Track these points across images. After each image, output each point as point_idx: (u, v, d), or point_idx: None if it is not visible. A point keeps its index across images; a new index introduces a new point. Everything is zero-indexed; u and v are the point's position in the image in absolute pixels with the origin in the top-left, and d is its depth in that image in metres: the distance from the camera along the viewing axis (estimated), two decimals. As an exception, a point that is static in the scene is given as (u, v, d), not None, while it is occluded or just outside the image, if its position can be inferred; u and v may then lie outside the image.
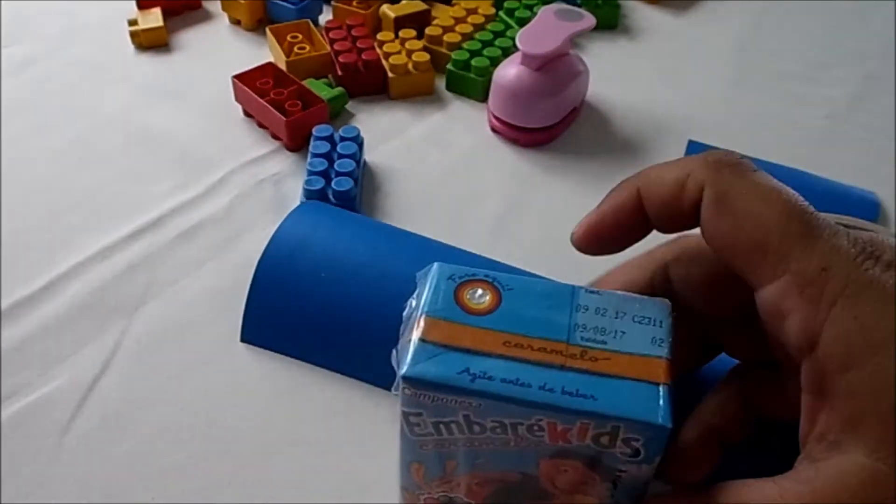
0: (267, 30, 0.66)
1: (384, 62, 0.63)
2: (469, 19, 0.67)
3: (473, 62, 0.62)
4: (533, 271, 0.41)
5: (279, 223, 0.45)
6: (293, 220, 0.46)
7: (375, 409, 0.41)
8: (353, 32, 0.65)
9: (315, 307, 0.42)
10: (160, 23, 0.68)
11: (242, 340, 0.44)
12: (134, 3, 0.69)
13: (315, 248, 0.44)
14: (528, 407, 0.25)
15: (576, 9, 0.60)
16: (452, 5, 0.70)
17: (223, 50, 0.68)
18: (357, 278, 0.42)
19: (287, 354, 0.43)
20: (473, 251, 0.44)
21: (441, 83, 0.64)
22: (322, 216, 0.47)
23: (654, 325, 0.26)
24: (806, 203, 0.25)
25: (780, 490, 0.24)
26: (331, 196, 0.51)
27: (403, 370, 0.25)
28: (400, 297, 0.29)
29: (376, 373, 0.41)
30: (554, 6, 0.59)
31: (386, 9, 0.68)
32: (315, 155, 0.53)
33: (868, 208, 0.53)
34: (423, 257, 0.44)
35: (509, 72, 0.57)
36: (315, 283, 0.43)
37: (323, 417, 0.41)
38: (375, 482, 0.38)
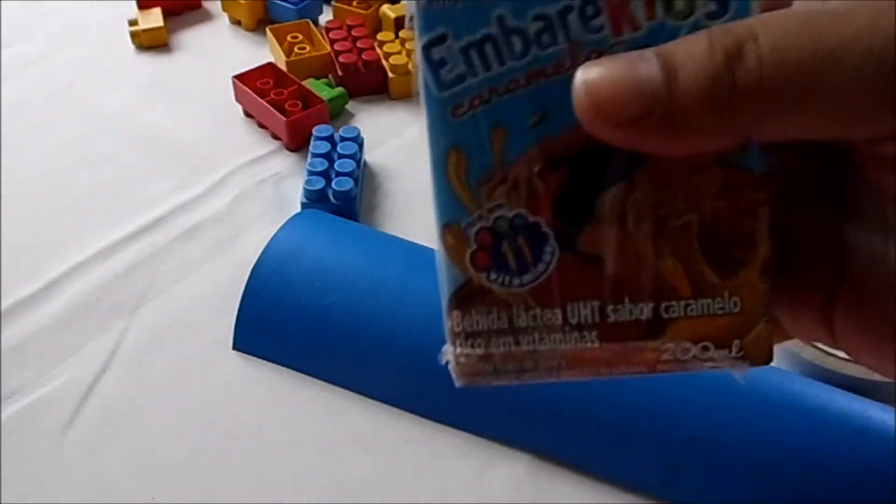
0: (267, 30, 0.66)
1: (384, 62, 0.63)
2: (469, 19, 0.67)
3: (473, 62, 0.62)
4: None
5: (277, 229, 0.45)
6: (287, 230, 0.46)
7: (376, 409, 0.41)
8: (354, 32, 0.65)
9: (307, 317, 0.42)
10: (160, 23, 0.68)
11: (235, 349, 0.44)
12: (134, 3, 0.69)
13: (308, 258, 0.44)
14: None
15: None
16: (452, 5, 0.69)
17: (223, 50, 0.68)
18: (350, 288, 0.42)
19: (279, 363, 0.43)
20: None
21: (441, 83, 0.64)
22: (316, 226, 0.47)
23: None
24: None
25: None
26: (331, 196, 0.51)
27: None
28: (393, 308, 0.29)
29: (369, 383, 0.42)
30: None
31: (386, 9, 0.68)
32: (315, 155, 0.53)
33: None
34: (416, 267, 0.45)
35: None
36: (308, 293, 0.43)
37: (323, 417, 0.41)
38: (375, 483, 0.38)
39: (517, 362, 0.21)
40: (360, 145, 0.55)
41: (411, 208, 0.54)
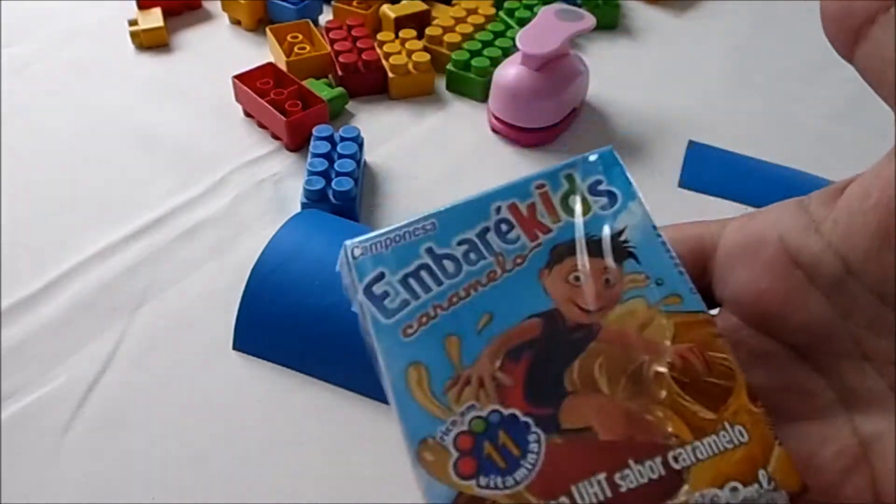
0: (267, 30, 0.66)
1: (384, 62, 0.63)
2: (469, 19, 0.67)
3: (473, 62, 0.62)
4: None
5: (277, 229, 0.45)
6: (287, 230, 0.46)
7: (376, 409, 0.41)
8: (354, 32, 0.65)
9: (308, 317, 0.42)
10: (160, 23, 0.68)
11: (235, 349, 0.44)
12: (134, 3, 0.70)
13: (308, 258, 0.44)
14: (479, 202, 0.24)
15: (576, 9, 0.60)
16: (452, 5, 0.70)
17: (223, 50, 0.68)
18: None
19: (279, 363, 0.43)
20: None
21: (441, 83, 0.64)
22: (316, 226, 0.47)
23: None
24: None
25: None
26: (331, 196, 0.51)
27: (346, 242, 0.24)
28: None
29: (369, 383, 0.41)
30: (554, 6, 0.59)
31: (386, 9, 0.68)
32: (315, 155, 0.53)
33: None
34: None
35: (509, 72, 0.57)
36: (308, 293, 0.43)
37: (323, 417, 0.41)
38: (375, 483, 0.38)
39: None
40: (360, 145, 0.55)
41: (411, 208, 0.54)
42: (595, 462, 0.20)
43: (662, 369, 0.21)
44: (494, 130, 0.60)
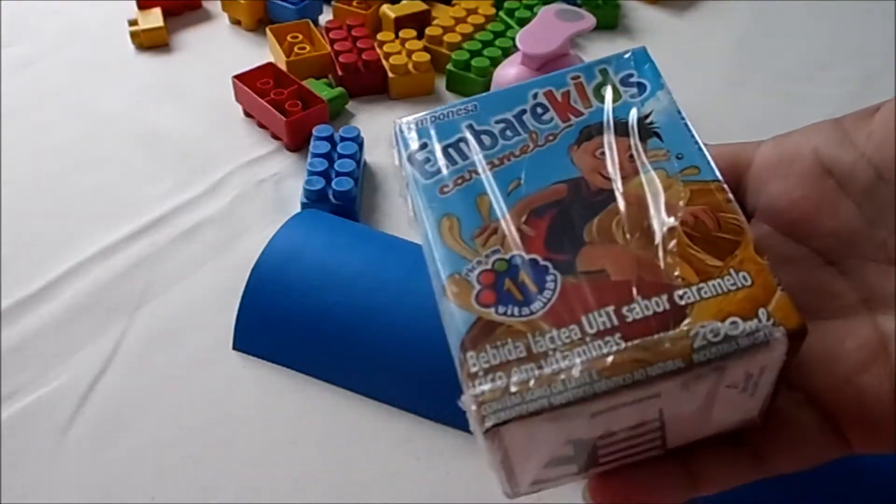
0: (267, 30, 0.66)
1: (384, 62, 0.63)
2: (469, 19, 0.67)
3: (473, 62, 0.62)
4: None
5: (277, 228, 0.45)
6: (287, 230, 0.46)
7: (376, 409, 0.41)
8: (354, 32, 0.65)
9: (307, 317, 0.42)
10: (160, 23, 0.68)
11: (235, 349, 0.44)
12: (134, 3, 0.69)
13: (308, 258, 0.44)
14: (518, 90, 0.26)
15: (576, 9, 0.60)
16: (452, 5, 0.70)
17: (223, 50, 0.68)
18: (350, 288, 0.42)
19: (279, 363, 0.43)
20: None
21: (441, 83, 0.64)
22: (316, 226, 0.47)
23: None
24: None
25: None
26: (331, 196, 0.51)
27: (396, 120, 0.27)
28: (393, 308, 0.29)
29: (369, 383, 0.42)
30: (554, 6, 0.59)
31: (386, 9, 0.68)
32: (315, 155, 0.53)
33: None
34: (416, 267, 0.44)
35: (509, 72, 0.57)
36: (308, 293, 0.43)
37: (323, 417, 0.41)
38: (375, 483, 0.38)
39: (545, 386, 0.20)
40: (360, 145, 0.55)
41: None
42: (605, 297, 0.22)
43: (674, 223, 0.23)
44: (494, 130, 0.60)
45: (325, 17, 0.71)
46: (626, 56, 0.27)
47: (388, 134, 0.62)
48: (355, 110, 0.62)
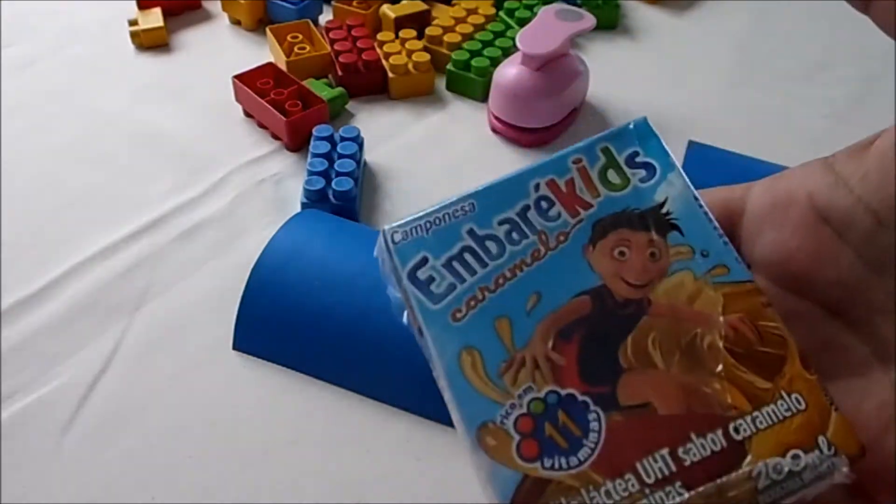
0: (267, 30, 0.66)
1: (384, 62, 0.63)
2: (469, 19, 0.67)
3: (473, 62, 0.62)
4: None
5: (277, 228, 0.45)
6: (287, 230, 0.46)
7: (376, 409, 0.41)
8: (354, 32, 0.65)
9: (308, 317, 0.42)
10: (160, 23, 0.68)
11: (235, 349, 0.44)
12: (134, 3, 0.69)
13: (308, 258, 0.44)
14: (518, 180, 0.24)
15: (576, 9, 0.60)
16: (452, 5, 0.70)
17: (223, 50, 0.68)
18: (350, 288, 0.42)
19: (279, 363, 0.43)
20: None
21: (441, 83, 0.64)
22: (316, 226, 0.47)
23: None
24: None
25: None
26: (331, 196, 0.51)
27: (385, 228, 0.25)
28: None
29: (369, 383, 0.42)
30: (554, 6, 0.59)
31: (386, 9, 0.68)
32: (315, 155, 0.53)
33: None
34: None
35: (509, 72, 0.57)
36: (308, 293, 0.43)
37: (323, 417, 0.41)
38: (375, 483, 0.38)
39: None
40: (360, 145, 0.55)
41: (411, 208, 0.53)
42: (657, 437, 0.20)
43: (716, 341, 0.21)
44: (494, 130, 0.60)
45: (325, 17, 0.71)
46: (629, 129, 0.25)
47: (388, 134, 0.62)
48: (355, 110, 0.62)
